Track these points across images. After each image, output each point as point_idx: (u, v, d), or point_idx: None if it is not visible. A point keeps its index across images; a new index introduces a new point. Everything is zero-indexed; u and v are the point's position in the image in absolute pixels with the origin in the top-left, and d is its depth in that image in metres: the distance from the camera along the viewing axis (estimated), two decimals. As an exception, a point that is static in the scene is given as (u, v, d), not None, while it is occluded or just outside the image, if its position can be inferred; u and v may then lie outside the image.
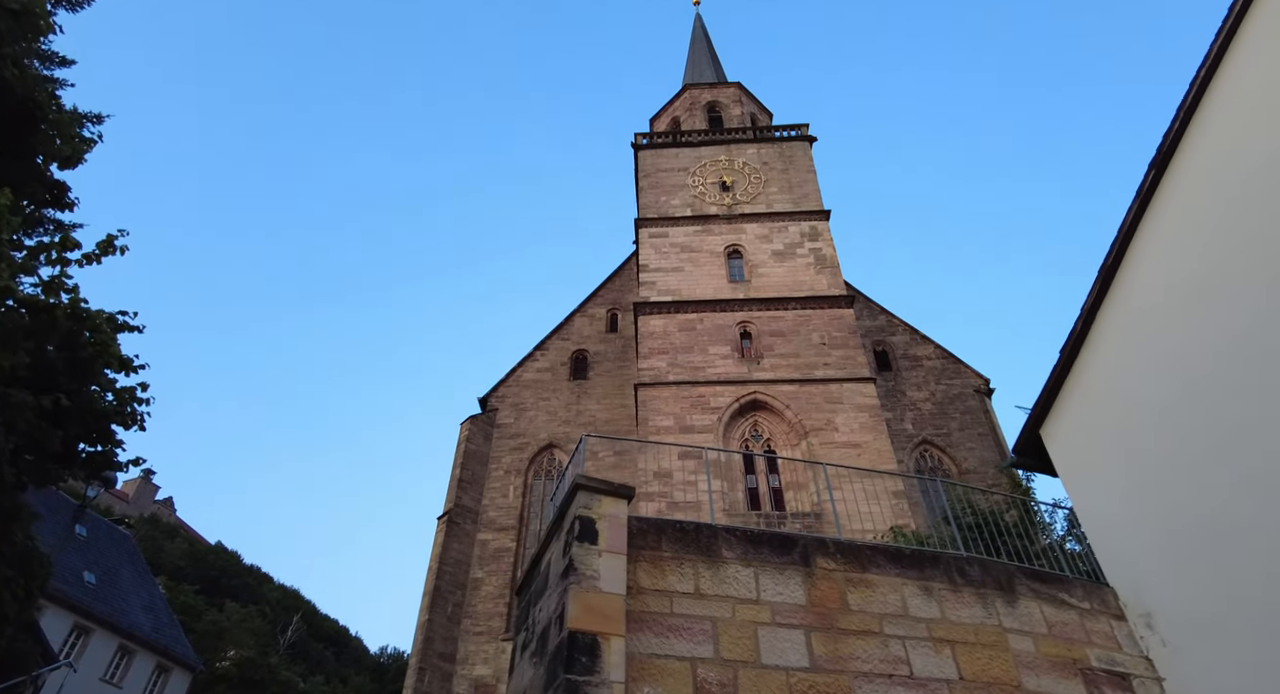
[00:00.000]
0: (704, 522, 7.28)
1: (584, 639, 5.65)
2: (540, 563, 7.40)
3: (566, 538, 6.45)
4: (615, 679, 5.54)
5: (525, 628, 7.32)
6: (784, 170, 31.89)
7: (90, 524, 33.49)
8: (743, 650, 6.35)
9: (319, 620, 75.93)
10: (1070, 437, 8.21)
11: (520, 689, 6.70)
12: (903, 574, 7.03)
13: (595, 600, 5.90)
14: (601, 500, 6.46)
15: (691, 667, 6.14)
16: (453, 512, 30.60)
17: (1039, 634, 6.82)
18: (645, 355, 27.98)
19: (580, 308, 37.33)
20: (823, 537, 7.30)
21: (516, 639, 7.64)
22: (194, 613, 45.98)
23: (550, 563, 6.94)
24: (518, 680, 6.96)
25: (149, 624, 31.87)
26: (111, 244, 7.41)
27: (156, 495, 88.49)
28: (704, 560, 6.81)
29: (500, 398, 34.85)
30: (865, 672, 6.37)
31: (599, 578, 6.05)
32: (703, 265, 29.82)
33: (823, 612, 6.71)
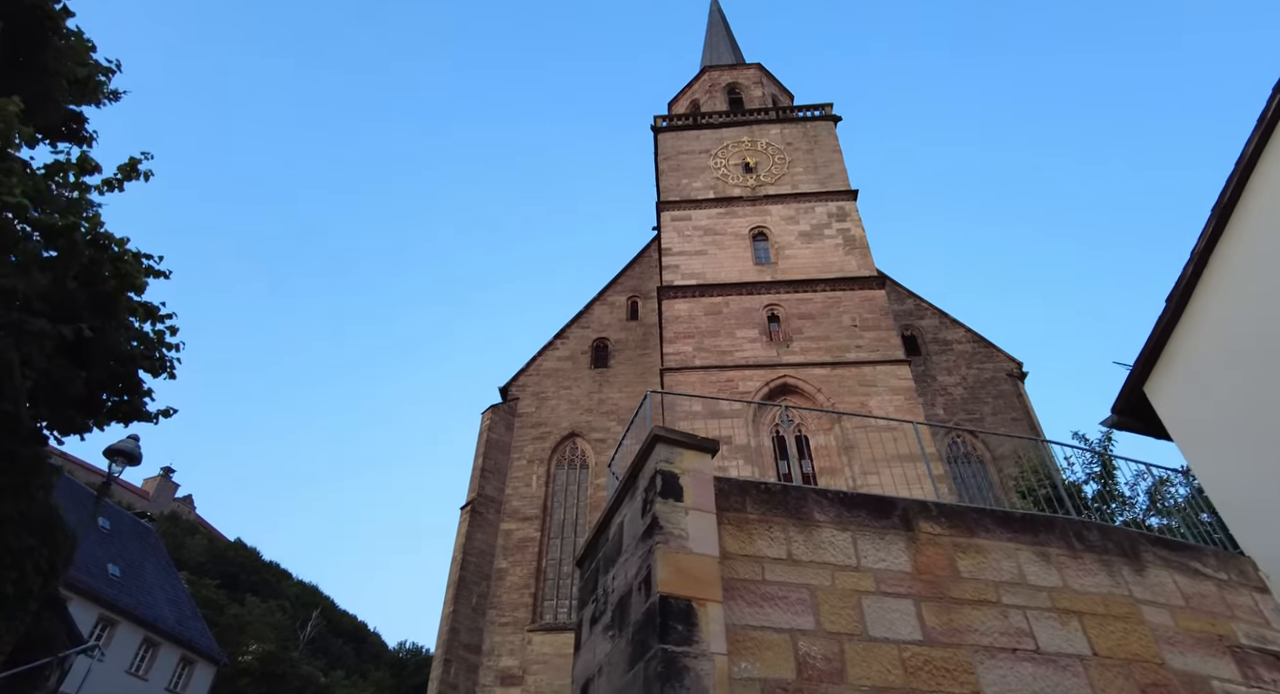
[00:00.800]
0: (789, 483, 6.52)
1: (677, 605, 4.92)
2: (608, 527, 6.68)
3: (645, 495, 5.72)
4: (716, 650, 4.82)
5: (593, 599, 6.61)
6: (809, 151, 31.02)
7: (113, 517, 33.09)
8: (846, 622, 5.60)
9: (338, 616, 75.75)
10: (1182, 393, 7.41)
11: (594, 665, 5.99)
12: (1015, 539, 6.26)
13: (686, 562, 5.17)
14: (684, 454, 5.71)
15: (791, 639, 5.40)
16: (475, 501, 29.98)
17: (1175, 606, 6.04)
18: (671, 340, 27.22)
19: (600, 295, 36.60)
20: (923, 499, 6.53)
21: (583, 612, 6.93)
22: (216, 607, 45.59)
23: (623, 525, 6.21)
24: (588, 657, 6.25)
25: (173, 617, 31.42)
26: (135, 168, 6.68)
27: (176, 493, 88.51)
28: (794, 524, 6.06)
29: (521, 387, 34.20)
30: (985, 645, 5.61)
31: (688, 538, 5.32)
32: (727, 248, 29.02)
33: (931, 580, 5.95)
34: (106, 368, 6.12)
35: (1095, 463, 11.96)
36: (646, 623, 5.02)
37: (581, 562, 7.49)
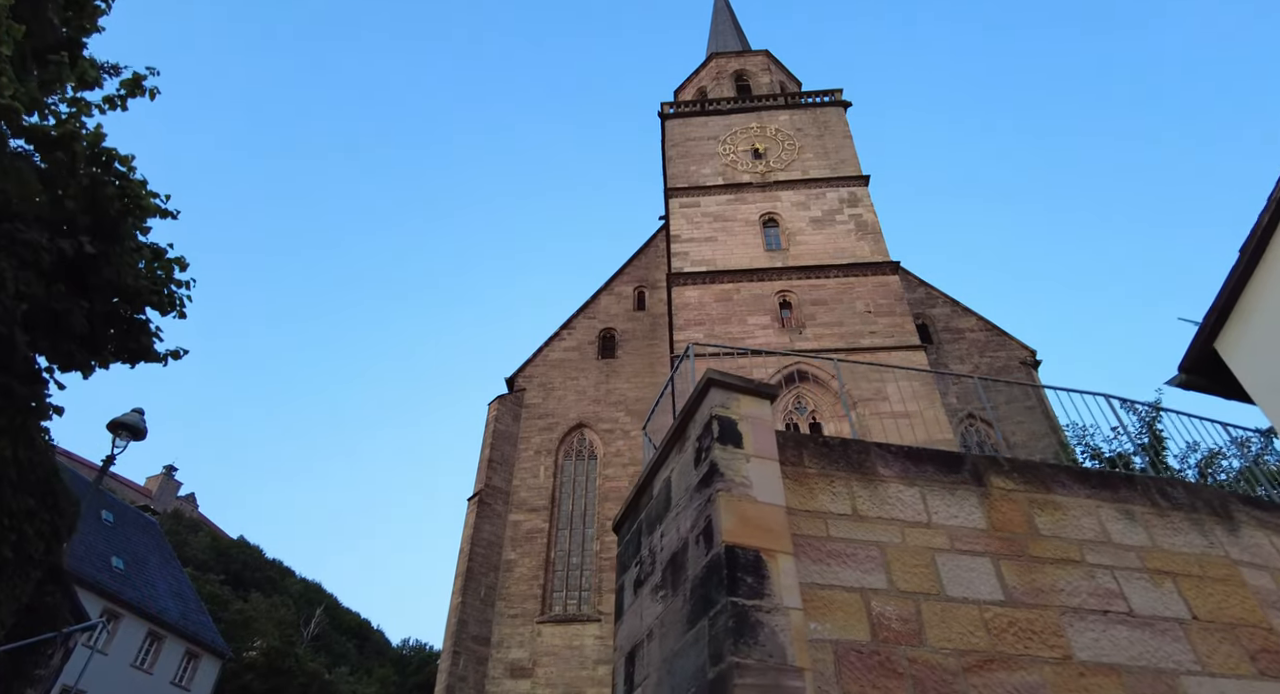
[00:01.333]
0: (847, 437, 6.02)
1: (745, 556, 4.41)
2: (651, 486, 6.16)
3: (699, 443, 5.20)
4: (790, 605, 4.31)
5: (636, 562, 6.09)
6: (819, 136, 30.50)
7: (116, 510, 32.60)
8: (921, 580, 5.08)
9: (341, 614, 75.26)
10: (1262, 348, 6.89)
11: (640, 631, 5.49)
12: (1094, 496, 5.76)
13: (752, 511, 4.66)
14: (740, 399, 5.20)
15: (863, 599, 4.88)
16: (483, 492, 29.48)
17: (1276, 569, 5.55)
18: (681, 327, 26.71)
19: (606, 286, 36.11)
20: (993, 454, 6.03)
21: (623, 578, 6.41)
22: (220, 602, 45.09)
23: (670, 480, 5.69)
24: (633, 622, 5.74)
25: (177, 610, 30.92)
26: (139, 84, 6.08)
27: (179, 492, 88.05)
28: (858, 479, 5.55)
29: (528, 378, 33.72)
30: (1074, 607, 5.09)
31: (750, 486, 4.80)
32: (737, 234, 28.51)
33: (1008, 537, 5.44)
34: (110, 301, 5.54)
35: (1144, 434, 11.46)
36: (709, 577, 4.51)
37: (619, 526, 6.97)
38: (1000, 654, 4.77)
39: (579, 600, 27.61)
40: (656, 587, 5.44)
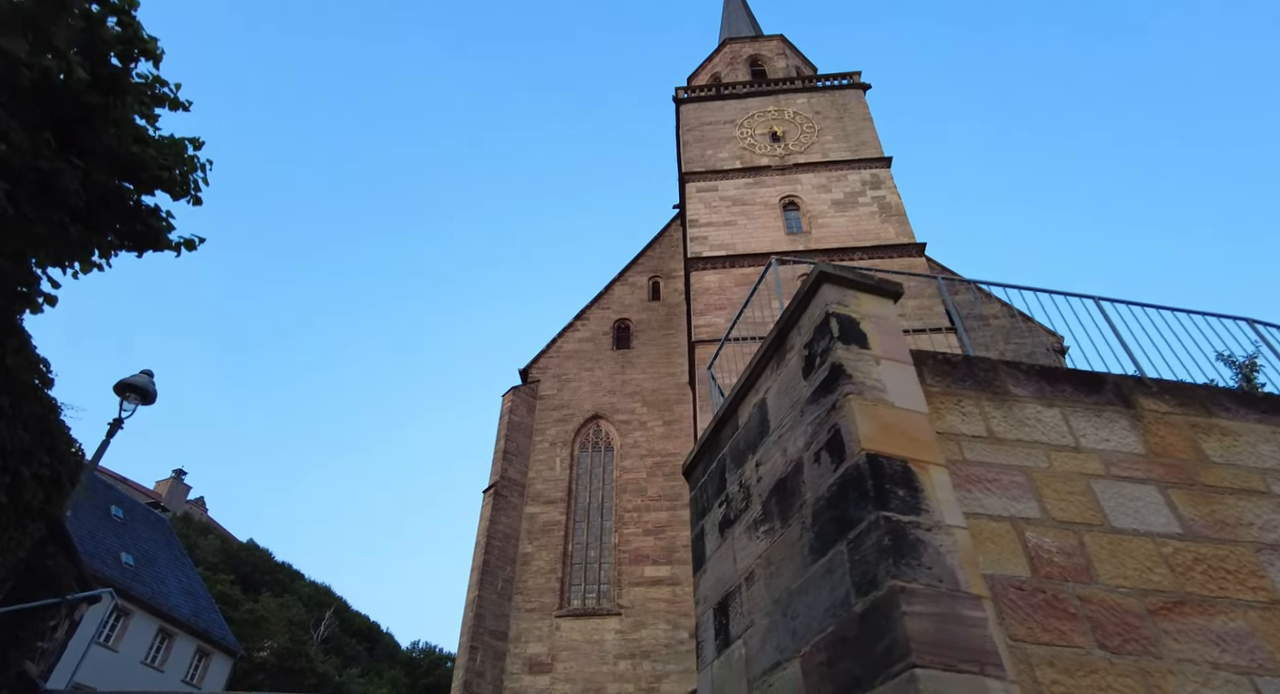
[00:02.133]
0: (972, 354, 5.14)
1: (891, 466, 3.55)
2: (737, 413, 5.29)
3: (809, 350, 4.33)
4: (953, 523, 3.45)
5: (720, 502, 5.22)
6: (838, 119, 29.66)
7: (126, 506, 31.79)
8: (1079, 509, 4.21)
9: (350, 616, 74.45)
10: None
11: (735, 576, 4.63)
12: (1266, 420, 4.88)
13: (892, 417, 3.80)
14: (860, 298, 4.34)
15: (1015, 529, 4.01)
16: (499, 484, 28.64)
17: None
18: (701, 312, 25.84)
19: (620, 276, 35.31)
20: (1138, 375, 5.16)
21: (701, 523, 5.54)
22: (231, 602, 44.21)
23: (765, 402, 4.82)
24: (723, 568, 4.87)
25: (188, 608, 30.07)
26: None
27: (188, 495, 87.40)
28: (988, 398, 4.68)
29: (541, 369, 32.90)
30: (1270, 543, 4.22)
31: (885, 390, 3.94)
32: (757, 218, 27.64)
33: (1172, 464, 4.56)
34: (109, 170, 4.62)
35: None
36: (841, 495, 3.65)
37: (691, 468, 6.09)
38: (1191, 595, 3.90)
39: (598, 594, 26.74)
40: (755, 522, 4.58)
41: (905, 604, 3.06)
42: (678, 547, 26.90)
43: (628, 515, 27.92)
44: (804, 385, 4.33)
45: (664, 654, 24.87)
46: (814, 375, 4.21)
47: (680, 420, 30.17)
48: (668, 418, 30.47)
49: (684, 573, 25.96)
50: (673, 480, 28.31)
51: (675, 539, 27.03)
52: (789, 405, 4.48)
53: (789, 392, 4.53)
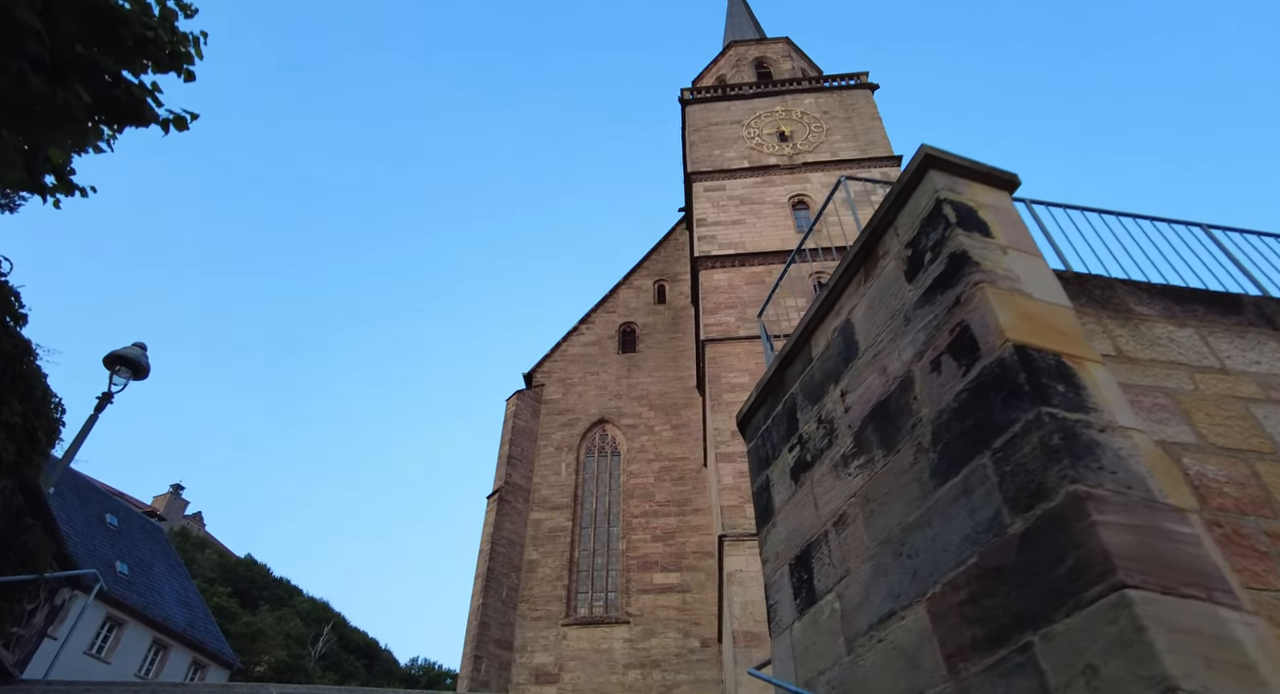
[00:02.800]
0: (1083, 271, 4.46)
1: (1044, 359, 2.87)
2: (809, 345, 4.60)
3: (916, 246, 3.65)
4: (1127, 424, 2.76)
5: (793, 444, 4.52)
6: (846, 119, 29.22)
7: (121, 514, 30.84)
8: (1242, 435, 3.52)
9: (349, 633, 73.09)
10: None
11: (814, 525, 3.93)
12: None
13: (1035, 308, 3.12)
14: (973, 187, 3.67)
15: (1170, 454, 3.32)
16: (503, 490, 27.80)
17: None
18: (711, 310, 25.19)
19: (625, 280, 34.73)
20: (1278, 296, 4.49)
21: (767, 472, 4.83)
22: (228, 615, 43.09)
23: (853, 321, 4.13)
24: (799, 518, 4.17)
25: (184, 618, 29.05)
26: None
27: (186, 510, 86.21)
28: (1109, 315, 4.00)
29: (546, 373, 32.19)
30: None
31: (1019, 280, 3.26)
32: (765, 217, 27.08)
33: (1336, 387, 3.88)
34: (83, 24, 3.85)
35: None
36: (980, 398, 2.95)
37: (747, 419, 5.38)
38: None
39: (605, 602, 25.85)
40: (845, 457, 3.89)
41: (1095, 512, 2.37)
42: (687, 553, 26.05)
43: (635, 521, 27.07)
44: (908, 290, 3.65)
45: (675, 663, 23.93)
46: (923, 275, 3.54)
47: (688, 425, 29.44)
48: (675, 422, 29.73)
49: (694, 580, 25.12)
50: (681, 485, 27.53)
51: (684, 545, 26.19)
52: (886, 318, 3.80)
53: (885, 303, 3.85)
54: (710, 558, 25.28)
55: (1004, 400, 2.84)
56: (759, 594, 17.66)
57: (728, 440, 21.49)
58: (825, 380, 4.30)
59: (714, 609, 23.93)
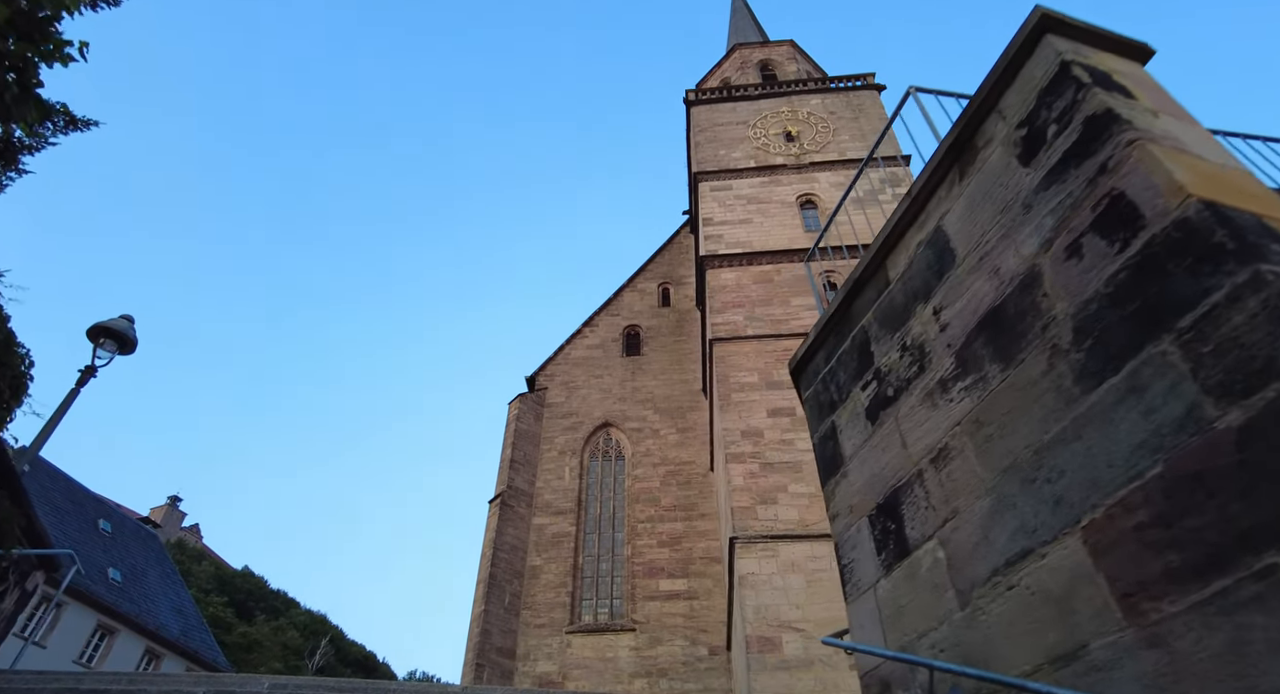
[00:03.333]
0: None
1: (1240, 216, 2.24)
2: (889, 261, 3.97)
3: (1036, 119, 2.99)
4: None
5: (867, 380, 3.87)
6: (854, 119, 28.80)
7: (115, 520, 30.01)
8: None
9: (346, 646, 71.89)
10: None
11: (902, 466, 3.28)
12: None
13: (1207, 168, 2.49)
14: (1099, 55, 3.06)
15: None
16: (505, 494, 27.06)
17: None
18: (719, 309, 24.59)
19: (629, 282, 34.19)
20: None
21: (833, 417, 4.17)
22: (224, 626, 42.09)
23: (944, 227, 3.49)
24: (881, 461, 3.52)
25: (178, 627, 28.15)
26: None
27: (183, 522, 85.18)
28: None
29: (549, 376, 31.54)
30: None
31: (1180, 140, 2.63)
32: (773, 216, 26.55)
33: None
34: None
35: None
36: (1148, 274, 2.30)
37: (802, 367, 4.74)
38: None
39: (610, 609, 25.03)
40: (944, 383, 3.26)
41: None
42: (694, 559, 25.28)
43: (641, 526, 26.30)
44: (1024, 175, 3.04)
45: (682, 672, 23.10)
46: (1046, 153, 2.92)
47: (694, 428, 28.76)
48: (681, 425, 29.04)
49: (701, 586, 24.34)
50: (687, 490, 26.80)
51: (691, 551, 25.43)
52: (993, 214, 3.18)
53: (990, 198, 3.23)
54: (718, 564, 24.52)
55: (1191, 269, 2.22)
56: (772, 598, 16.92)
57: (737, 441, 20.83)
58: (910, 301, 3.68)
59: (722, 616, 23.15)
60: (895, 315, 3.79)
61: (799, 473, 19.71)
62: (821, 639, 3.46)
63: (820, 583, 17.03)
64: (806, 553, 17.75)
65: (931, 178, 3.68)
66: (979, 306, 3.14)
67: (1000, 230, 3.12)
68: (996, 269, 3.08)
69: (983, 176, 3.30)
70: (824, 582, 17.04)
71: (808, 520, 18.41)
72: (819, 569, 17.35)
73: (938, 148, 3.65)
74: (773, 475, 19.78)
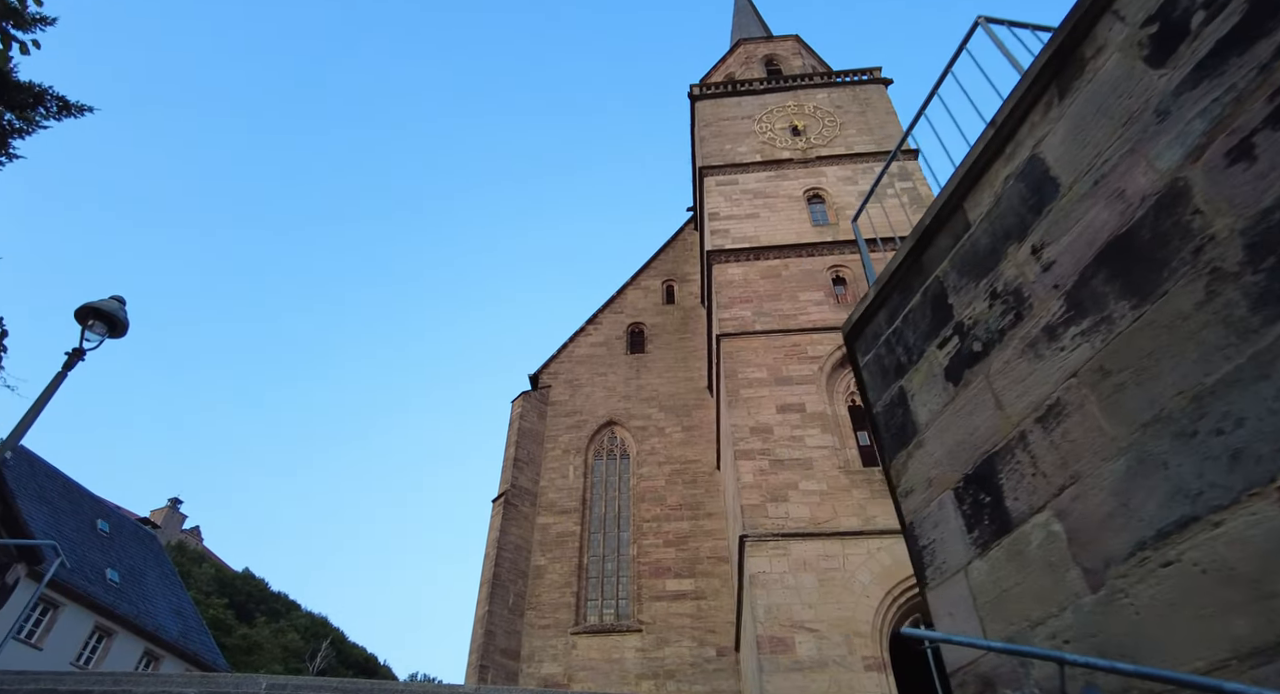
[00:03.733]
0: None
1: None
2: (969, 201, 3.44)
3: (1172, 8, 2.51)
4: None
5: (948, 335, 3.35)
6: (860, 113, 28.33)
7: (113, 520, 29.45)
8: None
9: (348, 648, 71.40)
10: None
11: (993, 429, 2.77)
12: None
13: None
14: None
15: None
16: (509, 493, 26.53)
17: None
18: (725, 305, 24.07)
19: (633, 280, 33.69)
20: None
21: (904, 381, 3.66)
22: (224, 627, 41.51)
23: (1044, 152, 2.98)
24: (966, 426, 3.00)
25: (176, 628, 27.57)
26: None
27: (184, 524, 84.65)
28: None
29: (553, 374, 31.02)
30: None
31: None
32: (780, 210, 26.06)
33: None
34: None
35: None
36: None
37: (860, 328, 4.22)
38: None
39: (616, 610, 24.48)
40: (1050, 329, 2.75)
41: None
42: (701, 558, 24.74)
43: (646, 526, 25.75)
44: (1156, 77, 2.54)
45: (690, 673, 22.55)
46: (1191, 44, 2.41)
47: (700, 426, 28.24)
48: (686, 423, 28.52)
49: (708, 586, 23.79)
50: (693, 488, 26.27)
51: (698, 550, 24.88)
52: (1111, 130, 2.68)
53: (1106, 112, 2.73)
54: (725, 563, 23.98)
55: None
56: (784, 598, 16.38)
57: (746, 437, 20.30)
58: (999, 243, 3.17)
59: (730, 617, 22.61)
60: (979, 261, 3.28)
61: (809, 470, 19.20)
62: (902, 630, 2.95)
63: (833, 582, 16.53)
64: (819, 551, 17.24)
65: (1020, 104, 3.17)
66: (1095, 238, 2.63)
67: (1123, 146, 2.62)
68: (1120, 192, 2.58)
69: (1094, 90, 2.81)
70: (836, 581, 16.55)
71: (819, 518, 17.91)
72: (831, 568, 16.85)
73: (1026, 71, 3.14)
74: (783, 472, 19.27)
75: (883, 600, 16.11)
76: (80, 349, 7.30)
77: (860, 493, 18.40)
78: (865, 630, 15.72)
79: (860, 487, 18.54)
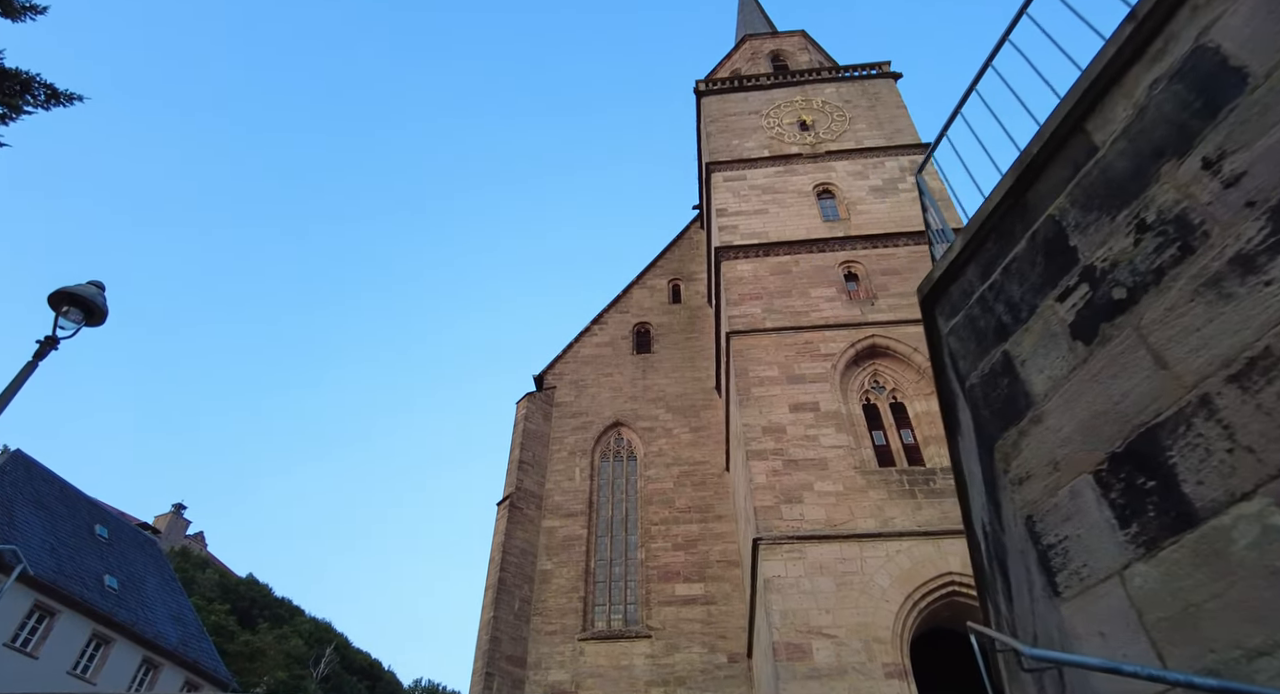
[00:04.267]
0: None
1: None
2: (1092, 119, 2.75)
3: None
4: None
5: (1070, 286, 2.64)
6: (870, 107, 27.69)
7: (112, 525, 28.76)
8: None
9: (352, 654, 70.86)
10: None
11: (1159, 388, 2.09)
12: None
13: None
14: None
15: None
16: (514, 496, 25.84)
17: None
18: (735, 302, 23.39)
19: (639, 279, 33.05)
20: None
21: (1004, 348, 2.93)
22: (226, 634, 40.75)
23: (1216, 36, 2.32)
24: (1106, 390, 2.32)
25: (176, 636, 26.86)
26: None
27: (188, 530, 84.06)
28: None
29: (558, 375, 30.36)
30: None
31: None
32: (789, 206, 25.39)
33: None
34: None
35: None
36: None
37: (948, 281, 3.51)
38: None
39: (624, 615, 23.74)
40: (1239, 262, 2.06)
41: None
42: (711, 562, 23.99)
43: (654, 529, 25.03)
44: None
45: (701, 680, 21.80)
46: None
47: (708, 427, 27.52)
48: (694, 424, 27.81)
49: (719, 591, 23.04)
50: (702, 490, 25.53)
51: (708, 554, 24.14)
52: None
53: None
54: (736, 567, 23.24)
55: None
56: (800, 602, 15.66)
57: (758, 437, 19.59)
58: (1145, 163, 2.47)
59: (742, 622, 21.85)
60: (1116, 189, 2.60)
61: (824, 471, 18.51)
62: (1029, 651, 2.26)
63: (850, 586, 15.84)
64: (836, 554, 16.54)
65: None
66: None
67: None
68: None
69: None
70: (854, 585, 15.86)
71: (835, 520, 17.21)
72: (849, 572, 16.15)
73: None
74: (797, 473, 18.57)
75: (903, 605, 15.43)
76: (53, 337, 6.64)
77: (877, 494, 17.71)
78: (885, 636, 15.03)
79: (877, 487, 17.86)
